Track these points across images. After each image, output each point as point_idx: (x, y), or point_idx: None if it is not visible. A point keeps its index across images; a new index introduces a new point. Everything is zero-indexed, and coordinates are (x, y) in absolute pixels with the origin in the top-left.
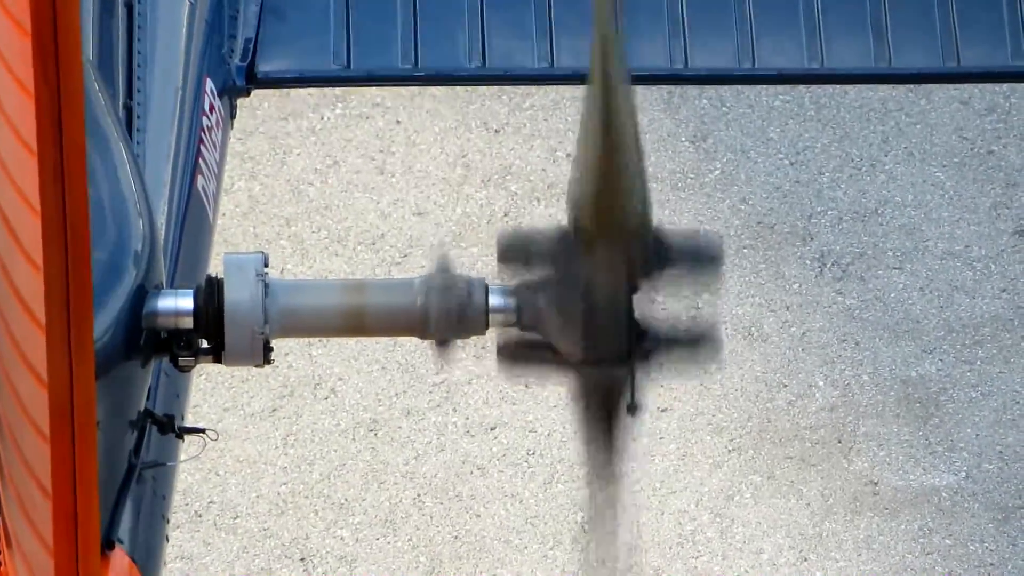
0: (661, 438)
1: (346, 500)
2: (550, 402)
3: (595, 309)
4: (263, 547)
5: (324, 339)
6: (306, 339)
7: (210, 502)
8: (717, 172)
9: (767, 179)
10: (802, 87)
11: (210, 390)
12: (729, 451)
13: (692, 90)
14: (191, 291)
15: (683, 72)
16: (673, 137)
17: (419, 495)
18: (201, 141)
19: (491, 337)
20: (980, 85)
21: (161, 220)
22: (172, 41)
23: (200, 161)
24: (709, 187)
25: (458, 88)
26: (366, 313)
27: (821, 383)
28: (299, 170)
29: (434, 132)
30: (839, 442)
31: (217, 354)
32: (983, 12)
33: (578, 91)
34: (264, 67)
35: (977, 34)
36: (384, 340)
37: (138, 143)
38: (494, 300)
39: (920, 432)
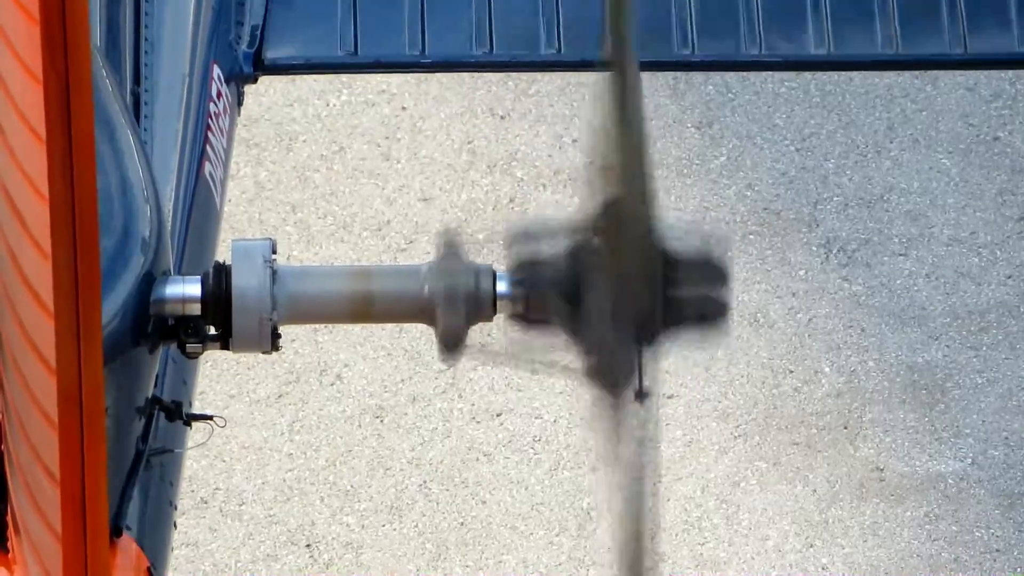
0: (667, 424)
1: (352, 486)
2: (556, 388)
3: (602, 295)
4: (269, 533)
5: (330, 325)
6: (313, 325)
7: (216, 488)
8: (723, 158)
9: (773, 165)
10: (808, 73)
11: (216, 376)
12: (735, 437)
13: (698, 76)
14: (199, 278)
15: (689, 58)
16: (679, 123)
17: (425, 481)
18: (208, 127)
19: (498, 324)
20: (986, 71)
21: (168, 206)
22: (179, 28)
23: (207, 147)
24: (715, 173)
25: (463, 74)
26: (373, 299)
27: (827, 369)
28: (305, 156)
29: (440, 118)
30: (845, 428)
31: (225, 341)
32: None
33: (584, 77)
34: (271, 53)
35: (984, 20)
36: (390, 326)
37: (145, 129)
38: (501, 286)
39: (926, 418)
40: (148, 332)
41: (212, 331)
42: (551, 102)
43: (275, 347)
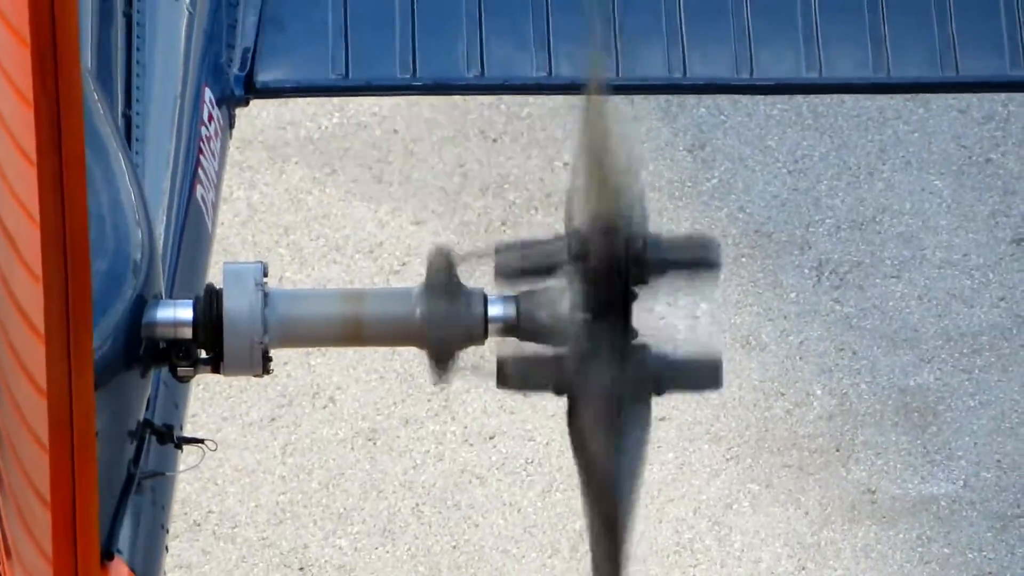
0: (659, 446)
1: (345, 509)
2: (548, 411)
3: (593, 318)
4: (262, 556)
5: (323, 348)
6: (305, 348)
7: (209, 511)
8: (715, 181)
9: (765, 188)
10: (800, 96)
11: (208, 399)
12: (727, 459)
13: (690, 99)
14: (190, 301)
15: (681, 81)
16: (671, 146)
17: (418, 504)
18: (200, 150)
19: (490, 347)
20: (978, 93)
21: (160, 230)
22: (171, 50)
23: (199, 170)
24: (707, 195)
25: (456, 97)
26: (365, 322)
27: (819, 392)
28: (297, 179)
29: (432, 141)
30: (837, 451)
31: (216, 364)
32: (982, 22)
33: (576, 100)
34: (263, 77)
35: (975, 44)
36: (383, 349)
37: (137, 152)
38: (493, 310)
39: (918, 441)
40: (139, 355)
41: (203, 354)
42: (543, 125)
43: (266, 370)
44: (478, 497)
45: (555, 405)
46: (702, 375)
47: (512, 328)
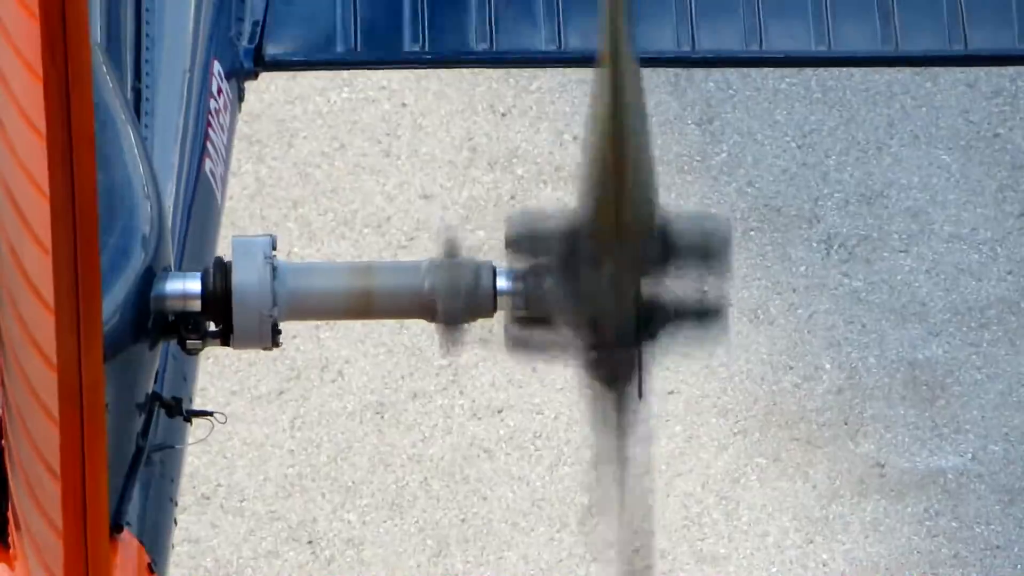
0: (667, 420)
1: (353, 483)
2: (557, 385)
3: (603, 292)
4: (270, 530)
5: (331, 322)
6: (314, 322)
7: (217, 485)
8: (723, 155)
9: (773, 162)
10: (808, 70)
11: (217, 373)
12: (735, 433)
13: (698, 73)
14: (199, 274)
15: (690, 55)
16: (679, 120)
17: (426, 478)
18: (209, 124)
19: (499, 320)
20: (986, 68)
21: (169, 203)
22: (180, 24)
23: (208, 144)
24: (715, 170)
25: (464, 71)
26: (374, 296)
27: (827, 365)
28: (306, 153)
29: (440, 115)
30: (845, 424)
31: (225, 337)
32: None
33: (586, 73)
34: (272, 50)
35: (984, 18)
36: (391, 323)
37: (146, 126)
38: (502, 283)
39: (926, 414)
40: (148, 328)
41: (212, 327)
42: (552, 99)
43: (276, 343)
44: (486, 471)
45: (563, 379)
46: (709, 336)
47: (521, 301)
